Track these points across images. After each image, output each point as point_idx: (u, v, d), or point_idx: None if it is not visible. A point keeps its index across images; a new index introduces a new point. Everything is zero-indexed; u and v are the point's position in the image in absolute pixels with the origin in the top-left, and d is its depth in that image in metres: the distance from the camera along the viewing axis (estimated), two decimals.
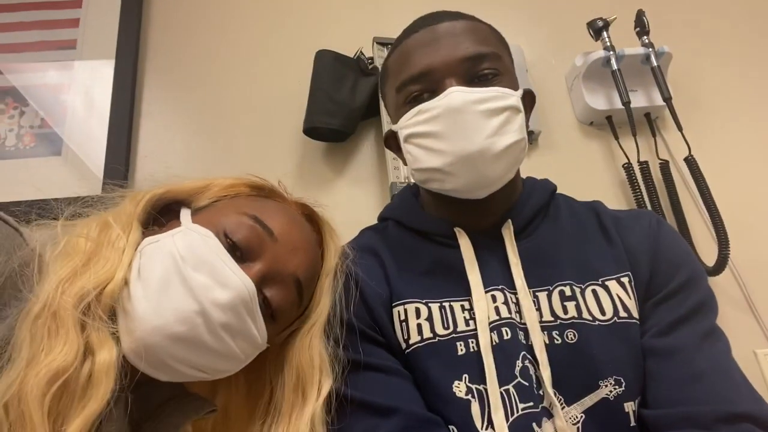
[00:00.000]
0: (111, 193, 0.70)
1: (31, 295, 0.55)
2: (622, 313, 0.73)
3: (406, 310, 0.76)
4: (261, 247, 0.64)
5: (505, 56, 0.78)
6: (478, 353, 0.71)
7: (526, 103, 0.79)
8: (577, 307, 0.74)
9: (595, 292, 0.75)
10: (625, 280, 0.76)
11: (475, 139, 0.69)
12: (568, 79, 1.39)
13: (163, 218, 0.68)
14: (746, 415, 0.63)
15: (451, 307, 0.75)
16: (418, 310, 0.75)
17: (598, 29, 1.27)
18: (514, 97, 0.73)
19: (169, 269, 0.59)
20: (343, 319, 0.73)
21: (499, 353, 0.71)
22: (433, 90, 0.73)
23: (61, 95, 1.33)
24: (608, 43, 1.26)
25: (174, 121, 1.33)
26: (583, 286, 0.76)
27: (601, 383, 0.69)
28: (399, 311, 0.76)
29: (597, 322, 0.73)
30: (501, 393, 0.69)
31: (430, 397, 0.71)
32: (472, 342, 0.72)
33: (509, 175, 0.76)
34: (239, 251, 0.63)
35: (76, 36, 1.39)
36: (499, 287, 0.75)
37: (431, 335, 0.73)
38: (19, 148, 1.27)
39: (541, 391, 0.70)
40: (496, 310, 0.74)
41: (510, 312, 0.74)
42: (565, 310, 0.74)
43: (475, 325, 0.73)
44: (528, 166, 0.83)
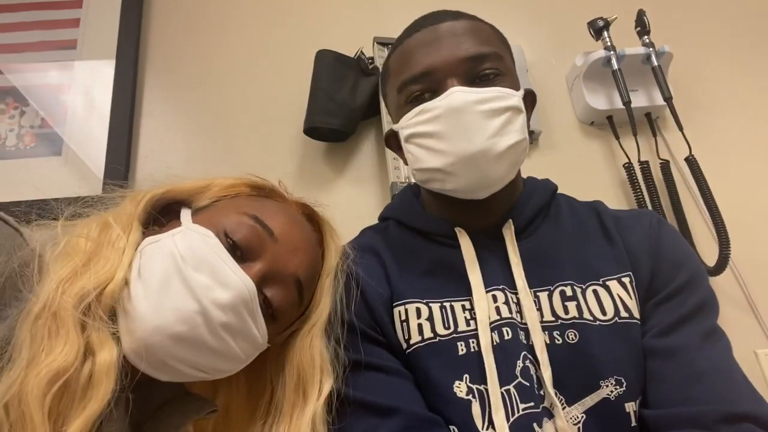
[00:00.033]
0: (111, 194, 0.70)
1: (32, 296, 0.55)
2: (623, 313, 0.73)
3: (406, 310, 0.76)
4: (261, 247, 0.64)
5: (507, 56, 0.78)
6: (478, 353, 0.71)
7: (528, 103, 0.79)
8: (578, 307, 0.74)
9: (596, 292, 0.75)
10: (626, 280, 0.76)
11: (477, 140, 0.69)
12: (569, 79, 1.39)
13: (164, 218, 0.68)
14: (747, 416, 0.63)
15: (452, 307, 0.75)
16: (418, 310, 0.75)
17: (598, 29, 1.27)
18: (516, 98, 0.73)
19: (170, 269, 0.59)
20: (344, 319, 0.73)
21: (499, 353, 0.71)
22: (434, 90, 0.73)
23: (62, 95, 1.33)
24: (609, 43, 1.26)
25: (174, 121, 1.33)
26: (584, 286, 0.76)
27: (602, 383, 0.69)
28: (400, 311, 0.76)
29: (598, 322, 0.73)
30: (502, 393, 0.69)
31: (431, 397, 0.71)
32: (473, 342, 0.72)
33: (510, 176, 0.76)
34: (240, 251, 0.63)
35: (76, 36, 1.39)
36: (500, 287, 0.75)
37: (432, 335, 0.73)
38: (20, 148, 1.27)
39: (541, 391, 0.70)
40: (497, 310, 0.74)
41: (511, 312, 0.74)
42: (566, 310, 0.74)
43: (476, 325, 0.73)
44: (528, 166, 0.83)
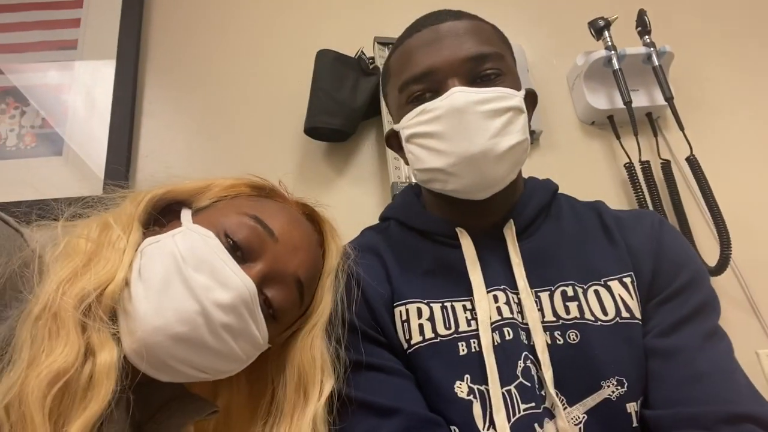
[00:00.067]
0: (111, 194, 0.70)
1: (32, 297, 0.55)
2: (625, 314, 0.73)
3: (407, 310, 0.76)
4: (262, 248, 0.64)
5: (508, 56, 0.78)
6: (479, 353, 0.71)
7: (529, 103, 0.78)
8: (579, 308, 0.74)
9: (597, 293, 0.75)
10: (628, 281, 0.76)
11: (478, 140, 0.69)
12: (570, 79, 1.39)
13: (164, 219, 0.68)
14: (748, 416, 0.63)
15: (453, 308, 0.75)
16: (419, 310, 0.75)
17: (599, 29, 1.27)
18: (517, 98, 0.73)
19: (170, 269, 0.59)
20: (345, 319, 0.73)
21: (500, 354, 0.71)
22: (435, 90, 0.73)
23: (62, 95, 1.33)
24: (610, 43, 1.25)
25: (175, 121, 1.33)
26: (585, 287, 0.75)
27: (603, 384, 0.69)
28: (401, 311, 0.76)
29: (599, 323, 0.72)
30: (503, 393, 0.69)
31: (432, 398, 0.71)
32: (474, 342, 0.72)
33: (512, 176, 0.75)
34: (240, 251, 0.63)
35: (77, 36, 1.39)
36: (501, 287, 0.75)
37: (433, 335, 0.73)
38: (20, 148, 1.27)
39: (543, 392, 0.70)
40: (498, 311, 0.74)
41: (512, 312, 0.74)
42: (567, 311, 0.74)
43: (477, 326, 0.73)
44: (529, 166, 0.83)
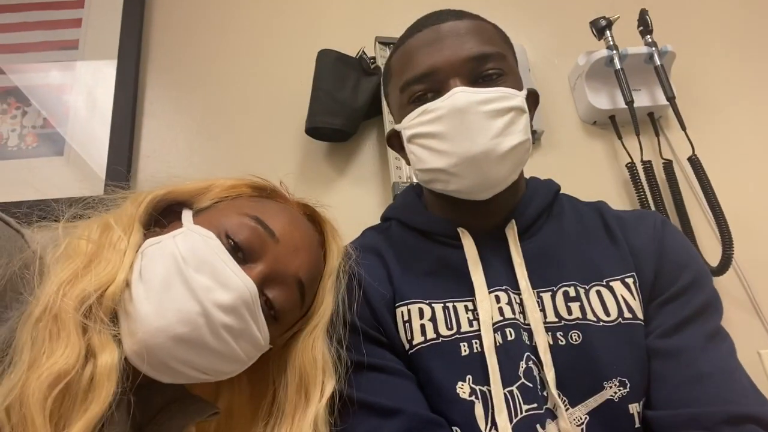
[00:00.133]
0: (112, 195, 0.70)
1: (32, 298, 0.55)
2: (627, 314, 0.73)
3: (409, 311, 0.75)
4: (262, 248, 0.64)
5: (510, 56, 0.78)
6: (481, 354, 0.71)
7: (530, 103, 0.78)
8: (582, 308, 0.73)
9: (599, 293, 0.75)
10: (630, 281, 0.75)
11: (480, 140, 0.69)
12: (571, 79, 1.38)
13: (165, 219, 0.68)
14: (751, 417, 0.63)
15: (455, 308, 0.75)
16: (421, 311, 0.75)
17: (601, 28, 1.27)
18: (519, 98, 0.73)
19: (171, 270, 0.59)
20: (346, 319, 0.73)
21: (502, 354, 0.71)
22: (437, 90, 0.73)
23: (64, 95, 1.33)
24: (611, 43, 1.25)
25: (176, 121, 1.33)
26: (587, 287, 0.75)
27: (606, 384, 0.69)
28: (402, 311, 0.76)
29: (601, 323, 0.72)
30: (505, 394, 0.69)
31: (434, 398, 0.71)
32: (476, 343, 0.72)
33: (513, 176, 0.75)
34: (241, 252, 0.63)
35: (78, 36, 1.39)
36: (503, 288, 0.75)
37: (435, 336, 0.73)
38: (22, 149, 1.27)
39: (545, 393, 0.70)
40: (500, 311, 0.74)
41: (514, 313, 0.73)
42: (570, 311, 0.73)
43: (479, 326, 0.73)
44: (531, 166, 0.83)
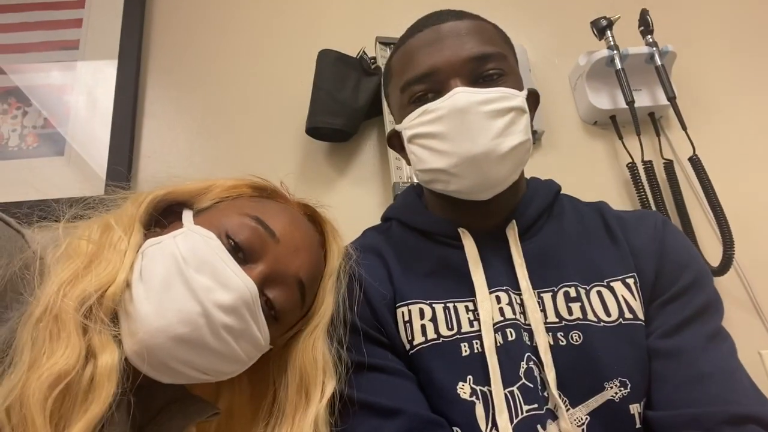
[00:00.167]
0: (113, 195, 0.70)
1: (32, 299, 0.55)
2: (628, 315, 0.73)
3: (410, 311, 0.75)
4: (263, 249, 0.64)
5: (510, 56, 0.78)
6: (482, 354, 0.71)
7: (531, 104, 0.78)
8: (582, 309, 0.73)
9: (600, 294, 0.75)
10: (631, 282, 0.75)
11: (480, 141, 0.69)
12: (572, 79, 1.38)
13: (165, 220, 0.68)
14: (752, 417, 0.63)
15: (456, 308, 0.75)
16: (422, 311, 0.75)
17: (601, 28, 1.27)
18: (519, 98, 0.73)
19: (171, 270, 0.58)
20: (347, 320, 0.73)
21: (503, 354, 0.71)
22: (437, 90, 0.72)
23: (64, 95, 1.33)
24: (612, 43, 1.25)
25: (177, 121, 1.33)
26: (588, 287, 0.75)
27: (606, 385, 0.69)
28: (403, 312, 0.76)
29: (602, 324, 0.72)
30: (505, 395, 0.69)
31: (434, 399, 0.71)
32: (477, 343, 0.72)
33: (514, 176, 0.75)
34: (241, 252, 0.63)
35: (79, 36, 1.39)
36: (504, 288, 0.75)
37: (435, 336, 0.73)
38: (22, 149, 1.27)
39: (545, 393, 0.70)
40: (501, 311, 0.74)
41: (514, 313, 0.73)
42: (570, 311, 0.73)
43: (480, 326, 0.73)
44: (531, 166, 0.83)
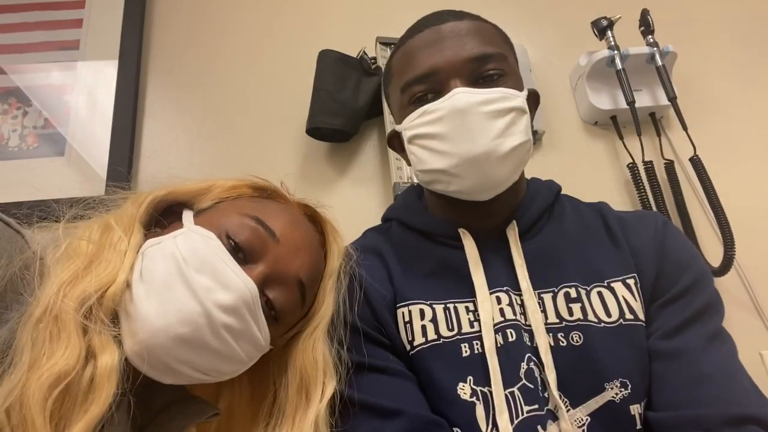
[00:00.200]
0: (113, 195, 0.70)
1: (32, 299, 0.54)
2: (628, 315, 0.73)
3: (410, 312, 0.75)
4: (263, 249, 0.64)
5: (510, 56, 0.78)
6: (482, 355, 0.71)
7: (531, 104, 0.78)
8: (583, 309, 0.73)
9: (600, 294, 0.74)
10: (631, 282, 0.75)
11: (481, 141, 0.69)
12: (572, 79, 1.38)
13: (165, 220, 0.68)
14: (752, 418, 0.63)
15: (456, 309, 0.75)
16: (422, 312, 0.75)
17: (602, 28, 1.26)
18: (520, 98, 0.72)
19: (172, 271, 0.58)
20: (347, 320, 0.73)
21: (503, 355, 0.71)
22: (437, 91, 0.72)
23: (65, 95, 1.33)
24: (613, 43, 1.25)
25: (177, 121, 1.33)
26: (588, 288, 0.75)
27: (607, 386, 0.69)
28: (403, 312, 0.76)
29: (602, 324, 0.72)
30: (506, 395, 0.69)
31: (435, 399, 0.71)
32: (477, 344, 0.72)
33: (514, 177, 0.75)
34: (241, 253, 0.63)
35: (79, 36, 1.39)
36: (504, 289, 0.75)
37: (436, 337, 0.73)
38: (23, 149, 1.27)
39: (546, 394, 0.70)
40: (501, 312, 0.74)
41: (515, 314, 0.73)
42: (571, 312, 0.73)
43: (480, 327, 0.72)
44: (532, 167, 0.83)
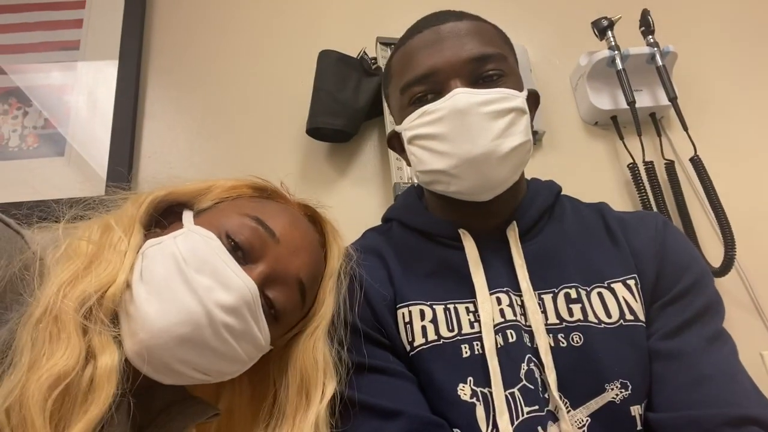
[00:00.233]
0: (113, 195, 0.70)
1: (32, 300, 0.54)
2: (628, 316, 0.73)
3: (410, 312, 0.75)
4: (263, 249, 0.64)
5: (510, 57, 0.78)
6: (483, 356, 0.71)
7: (531, 104, 0.78)
8: (583, 310, 0.73)
9: (600, 295, 0.74)
10: (631, 283, 0.75)
11: (481, 142, 0.69)
12: (573, 79, 1.38)
13: (165, 220, 0.68)
14: (753, 419, 0.63)
15: (456, 310, 0.75)
16: (422, 312, 0.75)
17: (602, 29, 1.26)
18: (520, 99, 0.72)
19: (172, 271, 0.58)
20: (347, 321, 0.73)
21: (504, 356, 0.71)
22: (437, 91, 0.72)
23: (65, 96, 1.33)
24: (613, 43, 1.25)
25: (177, 122, 1.33)
26: (588, 289, 0.75)
27: (607, 386, 0.69)
28: (403, 313, 0.76)
29: (603, 325, 0.72)
30: (506, 396, 0.68)
31: (435, 400, 0.71)
32: (477, 344, 0.72)
33: (514, 177, 0.75)
34: (241, 252, 0.63)
35: (79, 37, 1.40)
36: (504, 289, 0.75)
37: (436, 337, 0.73)
38: (23, 149, 1.27)
39: (546, 395, 0.70)
40: (501, 313, 0.73)
41: (515, 314, 0.73)
42: (571, 313, 0.73)
43: (480, 328, 0.72)
44: (532, 167, 0.83)
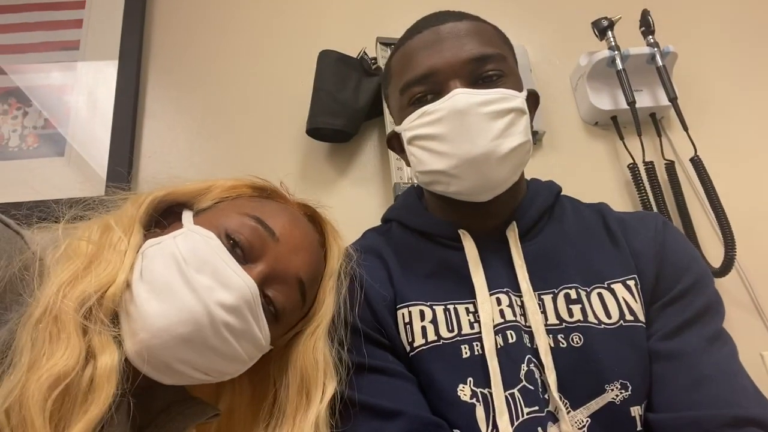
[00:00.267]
0: (113, 196, 0.70)
1: (32, 300, 0.54)
2: (628, 317, 0.73)
3: (410, 313, 0.75)
4: (263, 248, 0.64)
5: (510, 57, 0.78)
6: (482, 356, 0.71)
7: (531, 104, 0.78)
8: (583, 311, 0.73)
9: (600, 296, 0.74)
10: (631, 283, 0.75)
11: (480, 142, 0.69)
12: (573, 79, 1.38)
13: (165, 220, 0.68)
14: (753, 420, 0.63)
15: (456, 310, 0.75)
16: (422, 313, 0.75)
17: (602, 29, 1.26)
18: (519, 99, 0.72)
19: (172, 271, 0.58)
20: (348, 321, 0.73)
21: (504, 357, 0.71)
22: (437, 92, 0.72)
23: (65, 96, 1.33)
24: (613, 43, 1.25)
25: (177, 122, 1.33)
26: (588, 289, 0.75)
27: (607, 387, 0.69)
28: (403, 313, 0.76)
29: (603, 326, 0.72)
30: (506, 397, 0.68)
31: (435, 401, 0.71)
32: (477, 345, 0.72)
33: (514, 178, 0.75)
34: (241, 252, 0.63)
35: (79, 37, 1.40)
36: (504, 290, 0.75)
37: (436, 338, 0.73)
38: (23, 149, 1.27)
39: (546, 395, 0.70)
40: (501, 313, 0.73)
41: (515, 315, 0.73)
42: (571, 313, 0.73)
43: (480, 328, 0.72)
44: (532, 167, 0.82)
